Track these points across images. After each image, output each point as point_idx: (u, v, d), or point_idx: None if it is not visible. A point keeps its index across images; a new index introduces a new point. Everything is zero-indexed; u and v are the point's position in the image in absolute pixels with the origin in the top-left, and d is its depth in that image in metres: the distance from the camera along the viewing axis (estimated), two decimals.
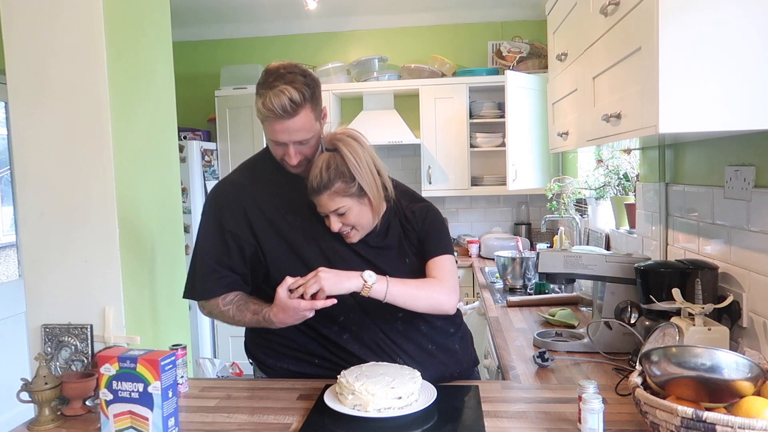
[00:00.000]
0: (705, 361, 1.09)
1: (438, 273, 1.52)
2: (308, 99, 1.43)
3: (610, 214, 2.86)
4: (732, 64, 1.21)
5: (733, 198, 1.61)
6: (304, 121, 1.44)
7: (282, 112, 1.40)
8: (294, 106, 1.40)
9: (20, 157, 1.74)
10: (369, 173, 1.46)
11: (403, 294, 1.43)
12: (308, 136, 1.47)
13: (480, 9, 4.31)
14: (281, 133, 1.44)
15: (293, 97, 1.40)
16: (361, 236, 1.51)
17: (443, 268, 1.53)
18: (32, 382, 1.39)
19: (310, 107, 1.44)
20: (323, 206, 1.46)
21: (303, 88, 1.42)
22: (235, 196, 1.55)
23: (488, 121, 4.18)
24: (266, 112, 1.42)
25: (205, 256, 1.53)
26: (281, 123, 1.42)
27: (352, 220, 1.46)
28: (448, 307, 1.50)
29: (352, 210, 1.45)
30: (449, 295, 1.49)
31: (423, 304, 1.46)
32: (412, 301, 1.45)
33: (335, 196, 1.43)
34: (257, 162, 1.65)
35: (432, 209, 1.60)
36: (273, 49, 4.54)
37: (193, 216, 3.87)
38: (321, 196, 1.44)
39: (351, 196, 1.44)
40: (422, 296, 1.46)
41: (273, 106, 1.39)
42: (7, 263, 3.86)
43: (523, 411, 1.36)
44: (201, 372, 3.68)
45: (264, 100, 1.41)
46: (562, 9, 2.20)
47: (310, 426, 1.30)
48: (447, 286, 1.50)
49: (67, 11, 1.68)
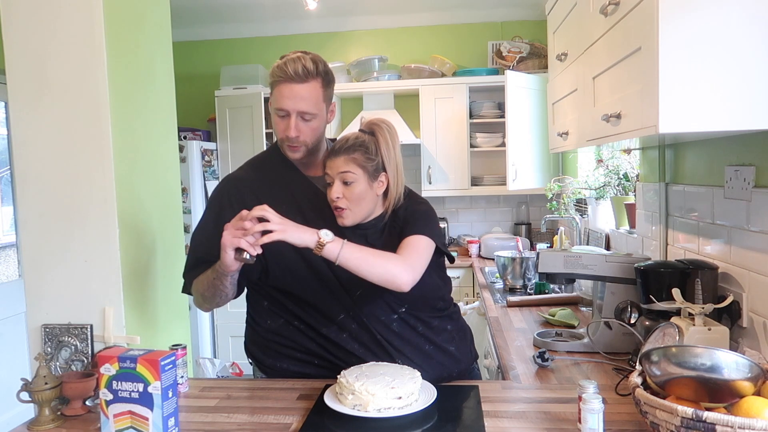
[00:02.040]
0: (705, 361, 1.09)
1: (403, 250, 1.44)
2: (321, 74, 1.49)
3: (610, 214, 2.86)
4: (732, 64, 1.21)
5: (733, 198, 1.61)
6: (311, 91, 1.47)
7: (293, 74, 1.45)
8: (306, 72, 1.45)
9: (20, 157, 1.74)
10: (395, 161, 1.50)
11: (357, 258, 1.36)
12: (312, 110, 1.48)
13: (480, 9, 4.31)
14: (288, 98, 1.47)
15: (307, 65, 1.45)
16: (353, 220, 1.48)
17: (409, 245, 1.45)
18: (32, 382, 1.39)
19: (321, 83, 1.49)
20: (335, 167, 1.46)
21: (319, 62, 1.48)
22: (236, 190, 1.56)
23: (488, 121, 4.18)
24: (278, 72, 1.47)
25: (195, 250, 1.55)
26: (289, 86, 1.46)
27: (354, 194, 1.46)
28: (402, 282, 1.38)
29: (358, 184, 1.45)
30: (405, 270, 1.39)
31: (376, 272, 1.37)
32: (365, 267, 1.37)
33: (351, 161, 1.45)
34: (262, 159, 1.67)
35: (427, 208, 1.58)
36: (273, 49, 4.53)
37: (193, 216, 3.87)
38: (339, 157, 1.46)
39: (365, 170, 1.46)
40: (376, 264, 1.37)
41: (286, 67, 1.45)
42: (7, 263, 3.86)
43: (523, 411, 1.36)
44: (201, 372, 3.68)
45: (279, 63, 1.47)
46: (562, 9, 2.20)
47: (310, 426, 1.30)
48: (406, 262, 1.41)
49: (67, 11, 1.68)
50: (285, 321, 1.56)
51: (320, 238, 1.33)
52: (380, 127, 1.50)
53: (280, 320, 1.56)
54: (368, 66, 4.27)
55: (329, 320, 1.51)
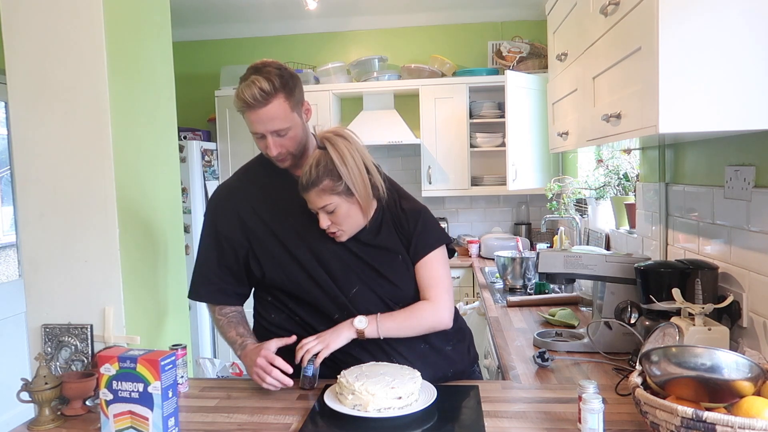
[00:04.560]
0: (705, 361, 1.09)
1: (427, 288, 1.54)
2: (279, 88, 1.46)
3: (610, 214, 2.86)
4: (732, 63, 1.21)
5: (733, 198, 1.61)
6: (276, 110, 1.47)
7: (252, 101, 1.45)
8: (264, 95, 1.44)
9: (20, 157, 1.74)
10: (357, 172, 1.45)
11: (396, 329, 1.50)
12: (284, 125, 1.49)
13: (480, 9, 4.31)
14: (256, 123, 1.48)
15: (263, 86, 1.44)
16: (350, 236, 1.52)
17: (430, 277, 1.55)
18: (32, 382, 1.39)
19: (283, 96, 1.47)
20: (312, 203, 1.47)
21: (274, 78, 1.46)
22: (228, 199, 1.62)
23: (488, 121, 4.18)
24: (239, 102, 1.48)
25: (203, 264, 1.62)
26: (254, 112, 1.46)
27: (340, 218, 1.47)
28: (444, 324, 1.54)
29: (340, 207, 1.46)
30: (442, 313, 1.53)
31: (417, 331, 1.52)
32: (407, 332, 1.51)
33: (323, 194, 1.44)
34: (252, 165, 1.69)
35: (424, 212, 1.60)
36: (273, 49, 4.54)
37: (193, 216, 3.87)
38: (309, 192, 1.46)
39: (339, 194, 1.45)
40: (414, 326, 1.51)
41: (244, 95, 1.45)
42: (7, 263, 3.86)
43: (523, 411, 1.36)
44: (201, 372, 3.68)
45: (238, 91, 1.47)
46: (562, 9, 2.20)
47: (310, 426, 1.30)
48: (435, 306, 1.53)
49: (67, 11, 1.68)
50: (287, 315, 1.58)
51: (357, 329, 1.46)
52: (330, 140, 1.46)
53: (283, 314, 1.58)
54: (368, 66, 4.27)
55: (326, 319, 1.52)
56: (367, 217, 1.52)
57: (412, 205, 1.60)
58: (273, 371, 1.44)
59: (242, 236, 1.56)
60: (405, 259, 1.55)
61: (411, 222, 1.56)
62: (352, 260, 1.52)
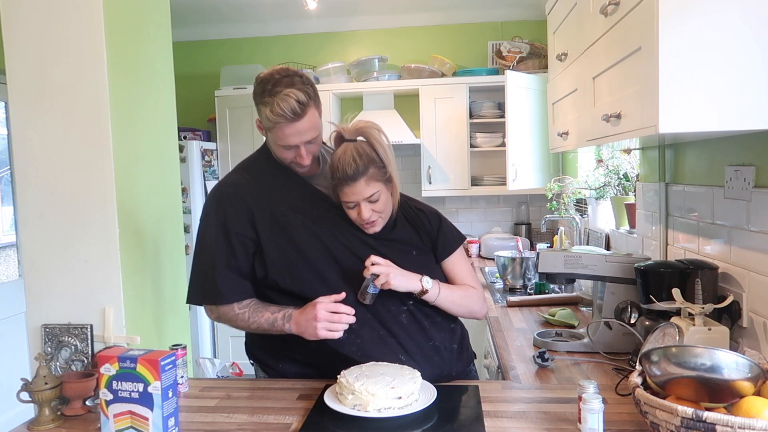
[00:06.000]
0: (705, 361, 1.09)
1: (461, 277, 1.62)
2: (312, 97, 1.47)
3: (610, 214, 2.86)
4: (732, 64, 1.21)
5: (733, 198, 1.61)
6: (312, 120, 1.47)
7: (293, 115, 1.43)
8: (302, 107, 1.43)
9: (20, 157, 1.74)
10: (394, 160, 1.52)
11: (450, 301, 1.55)
12: (316, 134, 1.50)
13: (480, 9, 4.31)
14: (292, 136, 1.46)
15: (300, 98, 1.42)
16: (382, 225, 1.54)
17: (464, 268, 1.64)
18: (32, 382, 1.39)
19: (314, 105, 1.48)
20: (358, 193, 1.46)
21: (305, 87, 1.45)
22: (237, 195, 1.55)
23: (488, 121, 4.18)
24: (276, 118, 1.43)
25: (214, 262, 1.51)
26: (292, 126, 1.44)
27: (381, 206, 1.49)
28: (482, 314, 1.66)
29: (383, 195, 1.49)
30: (483, 305, 1.65)
31: (463, 312, 1.61)
32: (454, 308, 1.58)
33: (371, 181, 1.46)
34: (254, 162, 1.65)
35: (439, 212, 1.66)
36: (273, 49, 4.54)
37: (193, 216, 3.87)
38: (357, 182, 1.45)
39: (383, 182, 1.49)
40: (465, 304, 1.59)
41: (283, 110, 1.41)
42: (7, 263, 3.86)
43: (523, 411, 1.36)
44: (201, 372, 3.68)
45: (271, 107, 1.42)
46: (562, 9, 2.20)
47: (310, 426, 1.30)
48: (480, 296, 1.64)
49: (68, 11, 1.68)
50: None
51: (423, 287, 1.49)
52: (370, 131, 1.49)
53: None
54: (368, 66, 4.27)
55: None
56: (395, 206, 1.55)
57: (425, 205, 1.66)
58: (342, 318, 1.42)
59: (253, 232, 1.51)
60: (419, 254, 1.57)
61: (433, 222, 1.61)
62: (366, 254, 1.48)
